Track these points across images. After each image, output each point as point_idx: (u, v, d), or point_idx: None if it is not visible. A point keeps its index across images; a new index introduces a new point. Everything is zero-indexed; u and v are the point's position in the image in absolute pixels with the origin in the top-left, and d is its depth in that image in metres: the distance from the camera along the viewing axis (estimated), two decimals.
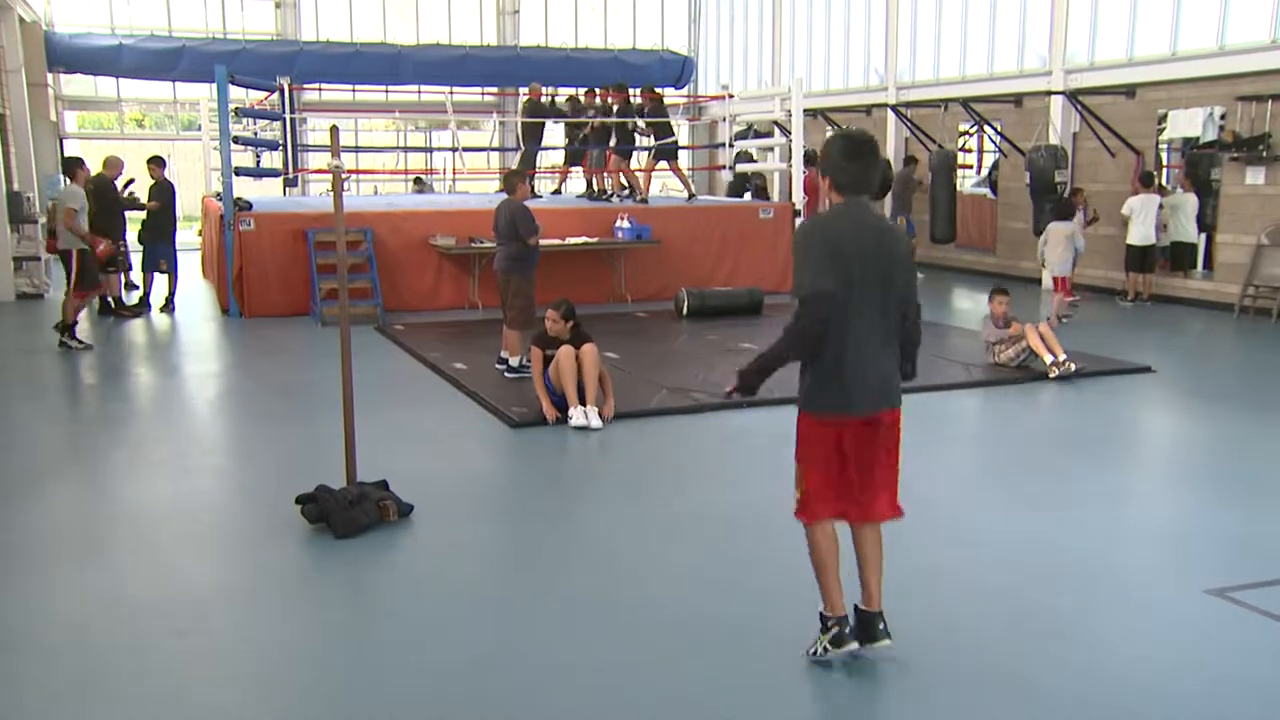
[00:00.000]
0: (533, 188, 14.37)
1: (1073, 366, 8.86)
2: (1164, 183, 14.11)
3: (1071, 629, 4.28)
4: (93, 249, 10.74)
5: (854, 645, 3.93)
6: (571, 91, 16.37)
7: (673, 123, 15.25)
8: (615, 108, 14.64)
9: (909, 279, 3.90)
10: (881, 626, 3.95)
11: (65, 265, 10.67)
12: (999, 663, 3.98)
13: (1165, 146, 14.49)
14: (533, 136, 16.17)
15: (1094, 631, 4.27)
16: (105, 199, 11.72)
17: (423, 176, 19.94)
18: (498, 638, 4.25)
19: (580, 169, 16.20)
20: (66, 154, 11.40)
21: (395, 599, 4.71)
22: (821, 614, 3.98)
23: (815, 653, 3.95)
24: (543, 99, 16.64)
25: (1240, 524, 5.58)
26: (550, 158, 19.60)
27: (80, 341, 10.35)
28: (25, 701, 3.77)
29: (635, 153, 14.79)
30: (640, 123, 14.44)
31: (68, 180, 11.03)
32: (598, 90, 15.30)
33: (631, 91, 14.83)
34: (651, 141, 14.69)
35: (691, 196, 15.26)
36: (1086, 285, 13.98)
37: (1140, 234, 13.17)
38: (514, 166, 12.51)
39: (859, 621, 3.97)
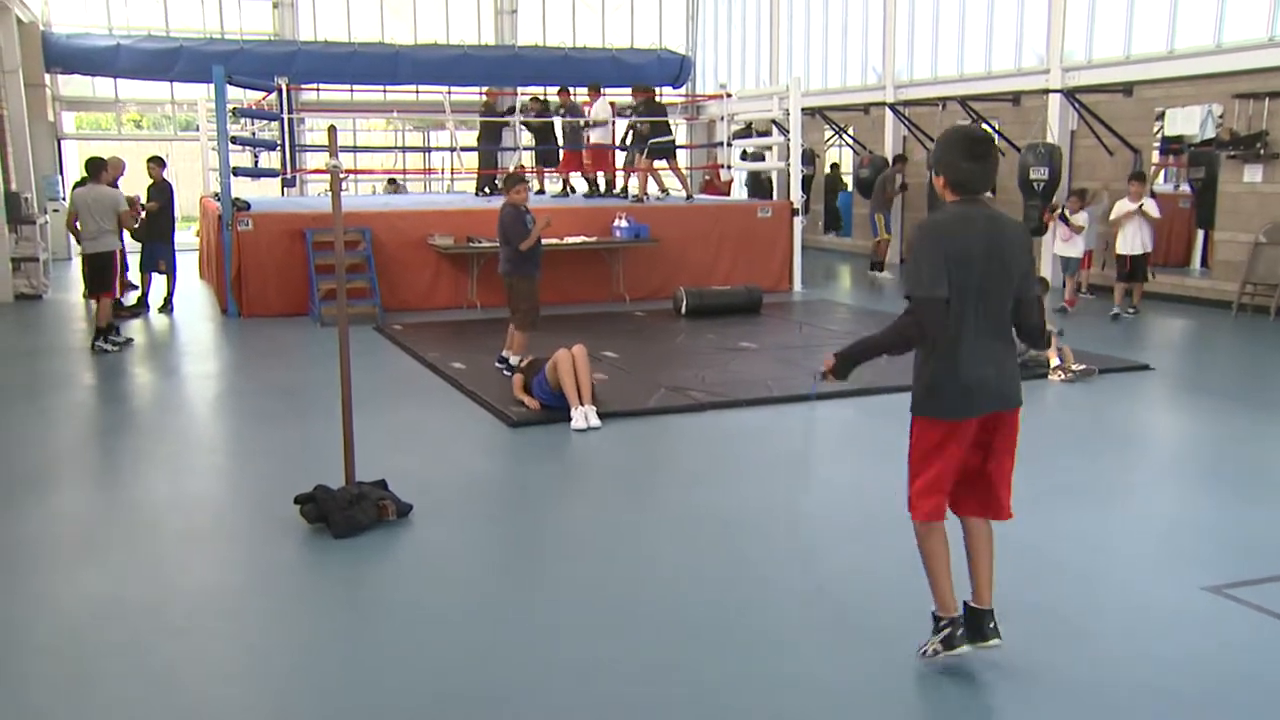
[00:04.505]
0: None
1: (1078, 368, 8.83)
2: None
3: (1068, 625, 4.29)
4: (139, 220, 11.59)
5: (966, 648, 3.86)
6: (536, 91, 16.49)
7: (670, 122, 15.32)
8: (630, 108, 14.81)
9: (1027, 273, 3.78)
10: (991, 625, 3.87)
11: (94, 269, 10.55)
12: (995, 659, 3.98)
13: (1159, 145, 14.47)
14: (490, 138, 16.50)
15: (1091, 628, 4.28)
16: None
17: (396, 178, 19.98)
18: (497, 636, 4.25)
19: (555, 169, 16.30)
20: (90, 156, 11.23)
21: (394, 598, 4.71)
22: (934, 614, 3.92)
23: (926, 653, 3.91)
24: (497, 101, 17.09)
25: (1237, 521, 5.59)
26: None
27: (116, 345, 10.35)
28: (23, 701, 3.77)
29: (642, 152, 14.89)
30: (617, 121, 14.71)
31: (90, 181, 10.69)
32: (571, 90, 15.50)
33: (602, 90, 14.99)
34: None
35: (689, 198, 15.29)
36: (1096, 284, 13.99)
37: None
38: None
39: (968, 619, 3.89)
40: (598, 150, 15.35)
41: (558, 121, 15.59)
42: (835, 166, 21.33)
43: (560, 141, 15.74)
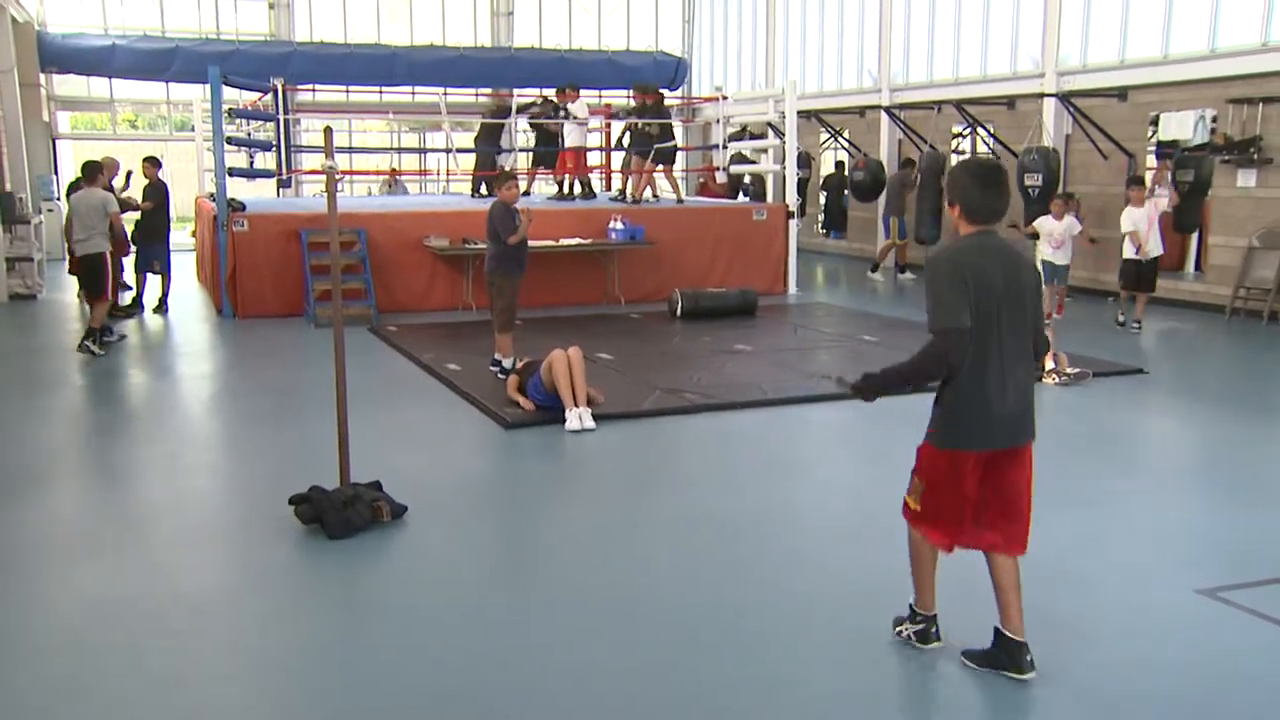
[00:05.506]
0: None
1: (1072, 372, 8.84)
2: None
3: (1063, 628, 4.30)
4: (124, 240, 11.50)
5: (938, 645, 3.99)
6: (538, 92, 16.40)
7: (673, 125, 15.30)
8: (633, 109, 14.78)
9: (1038, 308, 3.82)
10: (1029, 659, 3.83)
11: (89, 272, 10.49)
12: None
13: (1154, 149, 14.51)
14: (490, 139, 16.42)
15: (1086, 631, 4.29)
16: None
17: (394, 174, 19.99)
18: (492, 637, 4.26)
19: (550, 172, 16.26)
20: (86, 160, 11.23)
21: (389, 600, 4.72)
22: (911, 605, 4.03)
23: (901, 633, 4.05)
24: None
25: (1230, 525, 5.61)
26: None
27: (103, 347, 10.28)
28: (20, 702, 3.77)
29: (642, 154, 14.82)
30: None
31: (85, 185, 10.76)
32: (568, 90, 15.39)
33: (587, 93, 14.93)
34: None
35: (680, 201, 15.29)
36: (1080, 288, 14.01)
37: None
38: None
39: (1005, 647, 3.86)
40: (574, 152, 15.30)
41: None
42: (840, 165, 21.17)
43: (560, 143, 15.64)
